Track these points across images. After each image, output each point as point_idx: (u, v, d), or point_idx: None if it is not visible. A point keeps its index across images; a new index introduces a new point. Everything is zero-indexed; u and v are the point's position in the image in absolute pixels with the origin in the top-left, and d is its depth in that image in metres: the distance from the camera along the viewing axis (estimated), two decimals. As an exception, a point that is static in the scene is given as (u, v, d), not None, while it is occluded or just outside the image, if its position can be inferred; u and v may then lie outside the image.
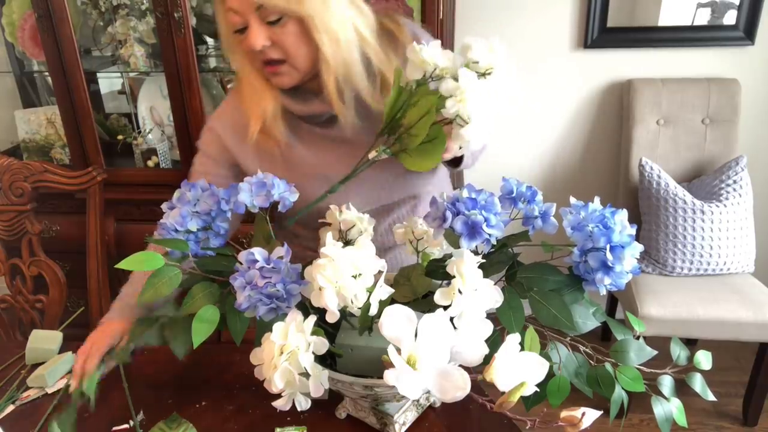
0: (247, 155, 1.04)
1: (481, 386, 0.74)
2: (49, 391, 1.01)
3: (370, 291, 0.72)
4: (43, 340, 1.11)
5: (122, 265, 0.77)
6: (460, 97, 0.73)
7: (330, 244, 0.73)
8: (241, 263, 0.76)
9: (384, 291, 0.74)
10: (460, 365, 0.68)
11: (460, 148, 0.80)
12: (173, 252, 0.83)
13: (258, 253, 0.75)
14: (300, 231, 1.13)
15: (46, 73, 1.99)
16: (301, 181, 1.00)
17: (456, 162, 1.03)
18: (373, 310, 0.72)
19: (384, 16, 1.01)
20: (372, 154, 0.82)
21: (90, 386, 0.87)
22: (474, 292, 0.71)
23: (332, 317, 0.72)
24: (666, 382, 0.79)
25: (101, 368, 0.92)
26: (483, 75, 0.76)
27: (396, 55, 1.00)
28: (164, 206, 0.89)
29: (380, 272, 0.74)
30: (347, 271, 0.70)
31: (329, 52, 0.91)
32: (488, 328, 0.71)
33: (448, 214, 0.78)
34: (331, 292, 0.70)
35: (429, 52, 0.75)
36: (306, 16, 0.87)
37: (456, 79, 0.74)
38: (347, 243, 0.89)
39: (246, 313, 0.77)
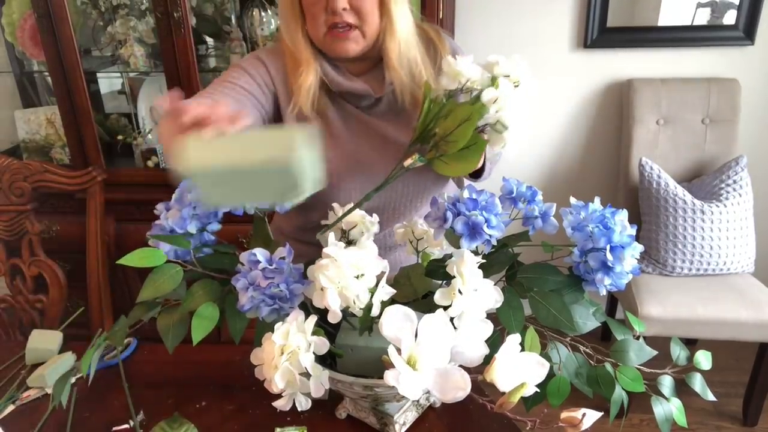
0: (288, 102, 1.04)
1: (482, 386, 0.74)
2: (49, 391, 1.01)
3: (372, 291, 0.73)
4: (43, 340, 1.11)
5: (125, 260, 0.77)
6: (502, 104, 0.77)
7: (332, 245, 0.73)
8: (243, 264, 0.76)
9: (386, 291, 0.74)
10: (460, 365, 0.68)
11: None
12: (168, 253, 0.82)
13: (260, 253, 0.75)
14: (295, 221, 1.14)
15: (46, 73, 1.99)
16: (331, 157, 1.03)
17: (477, 174, 1.06)
18: (375, 311, 0.72)
19: (429, 26, 1.09)
20: (407, 162, 0.84)
21: (86, 360, 0.85)
22: (474, 293, 0.71)
23: (334, 317, 0.72)
24: (666, 382, 0.79)
25: (100, 346, 0.90)
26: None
27: (429, 60, 1.04)
28: (159, 206, 0.88)
29: (382, 273, 0.74)
30: (349, 272, 0.70)
31: (398, 23, 0.97)
32: (488, 328, 0.71)
33: (449, 215, 0.78)
34: (334, 292, 0.70)
35: (463, 64, 0.79)
36: None
37: (490, 87, 0.78)
38: (349, 243, 0.89)
39: (248, 314, 0.77)
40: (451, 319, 0.68)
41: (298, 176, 0.58)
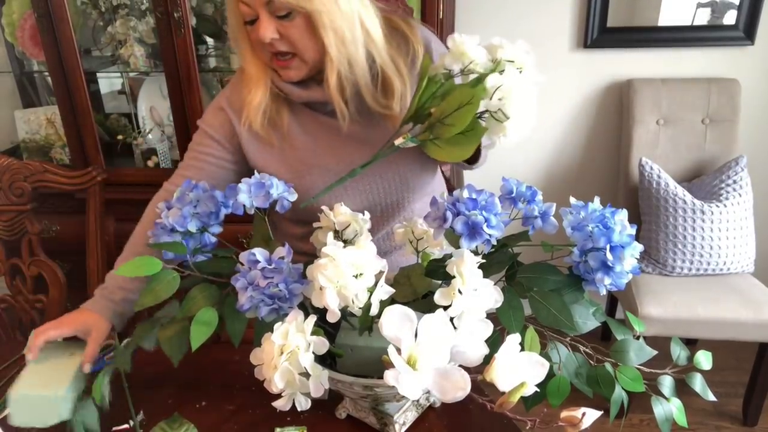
0: (249, 140, 1.04)
1: (481, 386, 0.74)
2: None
3: (370, 291, 0.72)
4: (43, 340, 1.11)
5: (121, 271, 0.78)
6: (506, 92, 0.74)
7: (331, 244, 0.73)
8: (242, 264, 0.76)
9: (384, 291, 0.74)
10: (460, 365, 0.68)
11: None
12: (166, 254, 0.83)
13: (259, 253, 0.75)
14: (291, 229, 1.13)
15: (46, 73, 1.99)
16: (299, 169, 1.03)
17: (471, 160, 1.03)
18: (374, 310, 0.72)
19: (396, 16, 1.03)
20: (398, 141, 0.82)
21: (97, 389, 0.87)
22: (474, 292, 0.71)
23: (333, 317, 0.72)
24: (666, 382, 0.79)
25: (108, 372, 0.91)
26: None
27: (400, 56, 1.00)
28: (161, 205, 0.89)
29: (381, 272, 0.74)
30: (348, 271, 0.70)
31: (334, 48, 0.92)
32: (488, 328, 0.71)
33: (449, 215, 0.78)
34: (332, 292, 0.70)
35: (469, 45, 0.76)
36: (313, 11, 0.88)
37: (495, 74, 0.75)
38: (344, 243, 0.89)
39: (247, 314, 0.77)
40: (451, 319, 0.68)
41: (58, 407, 0.86)
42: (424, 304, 0.79)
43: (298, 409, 0.73)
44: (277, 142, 1.03)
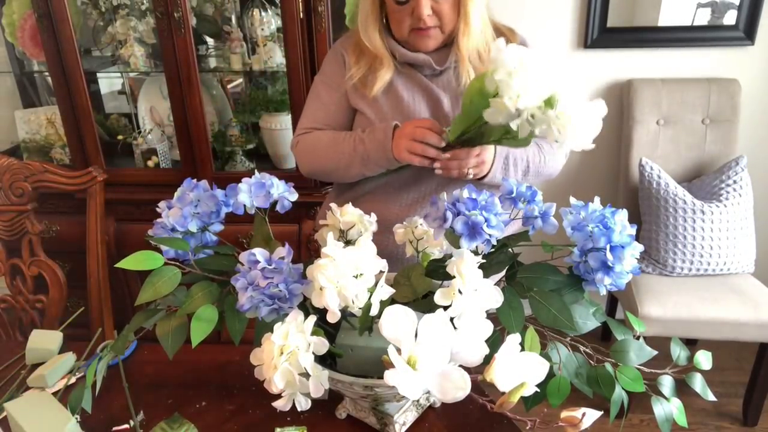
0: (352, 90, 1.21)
1: (481, 386, 0.74)
2: (49, 391, 1.01)
3: (371, 291, 0.72)
4: (43, 340, 1.10)
5: (123, 264, 0.77)
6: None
7: (331, 244, 0.73)
8: (242, 264, 0.76)
9: (385, 291, 0.74)
10: (460, 365, 0.68)
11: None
12: (167, 251, 0.83)
13: (259, 253, 0.75)
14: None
15: (46, 73, 1.99)
16: (388, 112, 1.19)
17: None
18: (374, 311, 0.72)
19: (503, 25, 1.23)
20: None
21: (91, 371, 0.86)
22: (474, 292, 0.71)
23: (333, 317, 0.72)
24: (666, 382, 0.79)
25: (106, 357, 0.91)
26: None
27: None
28: (162, 204, 0.89)
29: (381, 272, 0.74)
30: (348, 271, 0.70)
31: (476, 23, 1.10)
32: (488, 328, 0.71)
33: (449, 215, 0.78)
34: (333, 292, 0.70)
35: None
36: None
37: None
38: (347, 243, 0.89)
39: (247, 314, 0.77)
40: (451, 319, 0.68)
41: None
42: (424, 304, 0.79)
43: (298, 409, 0.73)
44: (375, 93, 1.18)
